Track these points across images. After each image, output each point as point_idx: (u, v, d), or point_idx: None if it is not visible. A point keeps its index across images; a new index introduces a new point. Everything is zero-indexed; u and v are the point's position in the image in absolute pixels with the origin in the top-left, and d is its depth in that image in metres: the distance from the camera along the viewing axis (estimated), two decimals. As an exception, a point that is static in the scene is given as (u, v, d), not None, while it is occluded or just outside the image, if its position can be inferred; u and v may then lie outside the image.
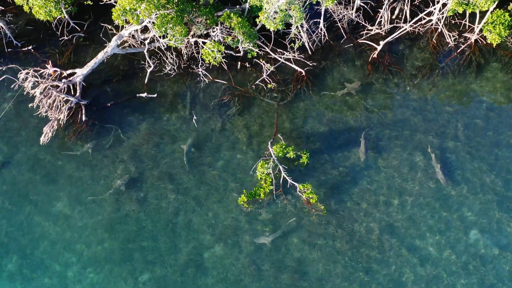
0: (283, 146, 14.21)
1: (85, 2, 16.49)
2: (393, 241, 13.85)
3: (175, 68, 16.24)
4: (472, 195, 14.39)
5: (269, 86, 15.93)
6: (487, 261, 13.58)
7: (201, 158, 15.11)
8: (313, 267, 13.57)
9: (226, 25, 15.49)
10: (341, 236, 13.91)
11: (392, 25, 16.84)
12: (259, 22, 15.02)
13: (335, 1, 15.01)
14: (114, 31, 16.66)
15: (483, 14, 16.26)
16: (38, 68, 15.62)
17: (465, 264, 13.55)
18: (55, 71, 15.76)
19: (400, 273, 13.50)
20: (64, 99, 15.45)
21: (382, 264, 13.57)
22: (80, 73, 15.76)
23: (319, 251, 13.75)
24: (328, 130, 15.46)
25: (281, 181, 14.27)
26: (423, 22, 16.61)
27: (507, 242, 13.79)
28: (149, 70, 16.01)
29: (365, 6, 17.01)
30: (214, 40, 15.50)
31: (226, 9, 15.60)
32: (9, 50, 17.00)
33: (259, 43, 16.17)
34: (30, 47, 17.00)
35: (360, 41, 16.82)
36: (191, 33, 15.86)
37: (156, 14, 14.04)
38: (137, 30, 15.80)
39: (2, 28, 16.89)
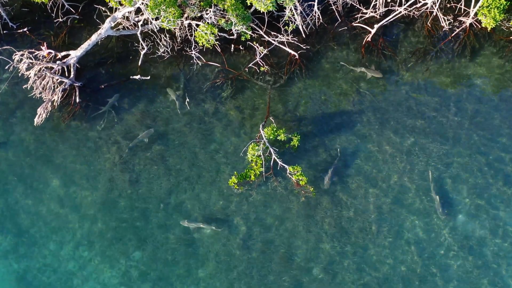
0: (274, 129, 14.33)
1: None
2: (381, 223, 14.03)
3: (169, 50, 16.30)
4: (462, 179, 14.49)
5: (262, 69, 15.98)
6: (475, 243, 13.74)
7: (194, 140, 15.27)
8: (302, 247, 13.80)
9: (219, 7, 15.48)
10: (330, 217, 14.10)
11: (387, 9, 16.74)
12: (249, 3, 15.00)
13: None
14: (108, 13, 16.69)
15: (478, -3, 16.13)
16: (33, 50, 15.72)
17: (453, 246, 13.73)
18: (49, 53, 15.85)
19: (388, 254, 13.70)
20: (58, 81, 15.59)
21: (370, 246, 13.77)
22: (74, 55, 15.86)
23: (308, 232, 13.96)
24: (321, 113, 15.54)
25: (271, 163, 14.43)
26: (418, 5, 16.50)
27: (494, 225, 13.93)
28: (142, 53, 16.07)
29: (360, -11, 16.92)
30: (208, 23, 15.51)
31: (220, -9, 15.55)
32: (4, 32, 17.08)
33: (253, 25, 16.16)
34: (25, 29, 17.08)
35: (355, 24, 16.77)
36: (185, 15, 15.86)
37: (148, -4, 14.05)
38: (130, 12, 15.83)
39: (-2, 10, 16.96)
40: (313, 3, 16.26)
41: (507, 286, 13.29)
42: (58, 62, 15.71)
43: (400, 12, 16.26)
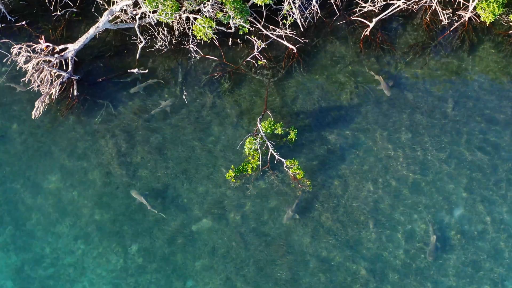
0: (272, 123, 14.35)
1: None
2: (378, 217, 14.06)
3: (167, 44, 16.29)
4: (459, 173, 14.50)
5: (260, 63, 15.97)
6: (471, 238, 13.77)
7: (191, 133, 15.30)
8: (298, 241, 13.84)
9: (217, 1, 15.45)
10: (326, 211, 14.14)
11: (386, 2, 16.69)
12: (246, -4, 14.99)
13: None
14: (106, 6, 16.68)
15: (477, -9, 16.06)
16: (31, 43, 15.74)
17: (450, 241, 13.76)
18: (47, 46, 15.86)
19: (383, 248, 13.74)
20: (56, 74, 15.61)
21: (365, 239, 13.81)
22: (72, 48, 15.86)
23: (305, 226, 14.00)
24: (318, 107, 15.54)
25: (268, 157, 14.45)
26: (417, -1, 16.47)
27: (491, 220, 13.95)
28: (140, 46, 16.07)
29: (359, -17, 16.85)
30: (205, 16, 15.49)
31: (218, -16, 15.53)
32: (2, 25, 17.09)
33: (251, 19, 16.14)
34: (23, 23, 17.07)
35: (353, 18, 16.73)
36: (183, 8, 15.84)
37: (145, -11, 14.04)
38: (128, 5, 15.81)
39: (-4, 3, 16.96)
40: (311, -4, 16.22)
41: (502, 280, 13.32)
42: (56, 55, 15.72)
43: (399, 6, 16.22)
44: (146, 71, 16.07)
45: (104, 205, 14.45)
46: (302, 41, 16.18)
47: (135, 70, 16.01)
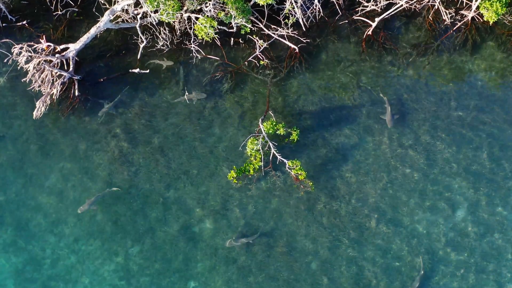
0: (274, 123, 14.29)
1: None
2: (380, 217, 14.01)
3: (168, 43, 16.22)
4: (463, 174, 14.44)
5: (261, 62, 15.90)
6: (473, 239, 13.73)
7: (193, 134, 15.24)
8: (301, 242, 13.81)
9: (219, 0, 15.38)
10: (329, 212, 14.09)
11: (388, 2, 16.59)
12: (249, -4, 14.92)
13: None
14: (107, 6, 16.61)
15: (480, -10, 15.95)
16: (32, 43, 15.67)
17: (452, 241, 13.72)
18: (48, 46, 15.81)
19: (386, 248, 13.70)
20: (57, 74, 15.55)
21: (368, 240, 13.77)
22: (73, 48, 15.80)
23: (307, 227, 13.96)
24: (320, 107, 15.48)
25: (270, 158, 14.40)
26: (419, -2, 16.37)
27: (494, 221, 13.90)
28: (141, 46, 16.01)
29: (361, -18, 16.75)
30: (207, 16, 15.42)
31: (219, -16, 15.45)
32: (3, 25, 17.02)
33: (253, 18, 16.06)
34: (24, 22, 17.00)
35: (355, 18, 16.64)
36: (184, 8, 15.77)
37: (147, -12, 13.97)
38: (129, 5, 15.75)
39: (-3, 2, 16.88)
40: (313, -4, 16.14)
41: (506, 282, 13.28)
42: (57, 55, 15.66)
43: (402, 5, 16.12)
44: (148, 71, 16.01)
45: (106, 206, 14.41)
46: (304, 40, 16.10)
47: (136, 70, 15.94)
